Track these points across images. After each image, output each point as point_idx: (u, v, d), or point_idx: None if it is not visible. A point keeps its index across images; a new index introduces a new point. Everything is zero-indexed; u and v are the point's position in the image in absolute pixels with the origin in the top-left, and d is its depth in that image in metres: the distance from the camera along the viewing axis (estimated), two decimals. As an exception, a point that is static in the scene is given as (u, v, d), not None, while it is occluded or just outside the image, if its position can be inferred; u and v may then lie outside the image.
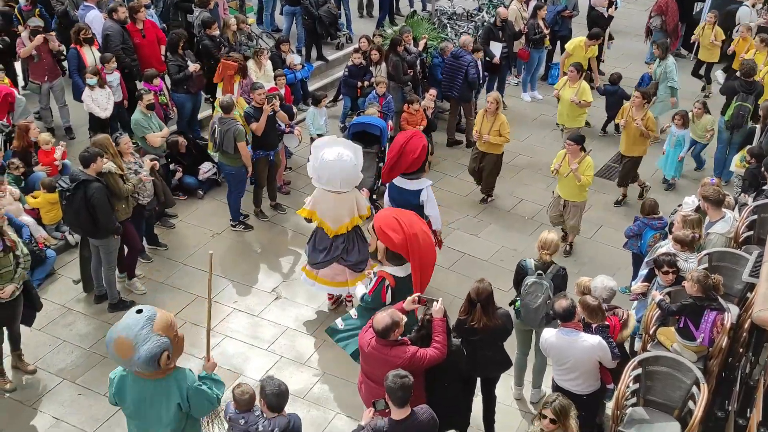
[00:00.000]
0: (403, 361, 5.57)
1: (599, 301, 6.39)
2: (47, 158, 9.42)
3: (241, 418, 5.38)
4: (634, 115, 10.15)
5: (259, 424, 5.25)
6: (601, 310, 6.35)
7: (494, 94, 10.48)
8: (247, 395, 5.41)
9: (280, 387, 5.25)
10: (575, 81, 11.03)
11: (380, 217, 7.15)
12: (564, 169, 9.03)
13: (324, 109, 10.95)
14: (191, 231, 9.73)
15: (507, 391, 7.38)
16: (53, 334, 7.91)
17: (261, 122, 9.46)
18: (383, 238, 6.87)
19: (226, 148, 9.29)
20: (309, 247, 8.21)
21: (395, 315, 5.72)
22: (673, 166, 10.96)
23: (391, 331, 5.64)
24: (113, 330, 4.80)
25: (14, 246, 6.89)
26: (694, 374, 6.15)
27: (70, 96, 11.01)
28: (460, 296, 8.53)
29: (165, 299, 8.47)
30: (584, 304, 6.32)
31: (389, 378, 5.12)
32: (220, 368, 7.53)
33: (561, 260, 8.68)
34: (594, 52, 12.89)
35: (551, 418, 5.25)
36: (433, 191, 8.65)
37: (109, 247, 7.95)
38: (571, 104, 11.01)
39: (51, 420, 6.95)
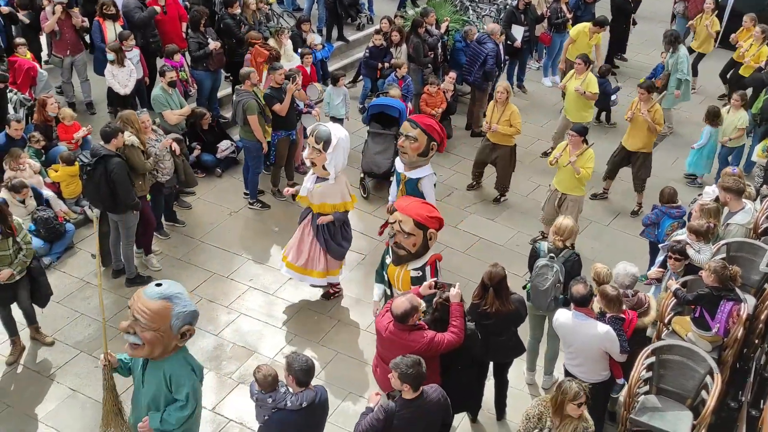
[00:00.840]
0: (421, 346, 5.59)
1: (618, 292, 6.35)
2: (67, 134, 9.49)
3: (268, 397, 5.44)
4: (641, 108, 9.80)
5: (288, 400, 5.32)
6: (620, 301, 6.31)
7: (504, 83, 10.23)
8: (270, 377, 5.46)
9: (307, 362, 5.33)
10: (582, 73, 10.74)
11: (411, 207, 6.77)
12: (564, 159, 8.80)
13: (343, 89, 10.93)
14: (209, 208, 9.79)
15: (519, 376, 7.39)
16: (71, 306, 8.00)
17: (286, 102, 9.46)
18: (434, 223, 6.69)
19: (237, 119, 9.43)
20: (338, 242, 7.89)
21: (414, 300, 5.72)
22: (700, 163, 10.60)
23: (410, 316, 5.65)
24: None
25: (15, 232, 6.83)
26: (708, 364, 6.13)
27: (92, 71, 11.08)
28: (474, 280, 8.53)
29: (181, 275, 8.54)
30: (603, 293, 6.29)
31: (401, 366, 5.11)
32: (235, 345, 7.65)
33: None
34: (599, 39, 12.44)
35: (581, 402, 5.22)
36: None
37: (128, 222, 8.02)
38: (577, 96, 10.68)
39: (68, 391, 7.06)
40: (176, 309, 4.90)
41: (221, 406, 6.98)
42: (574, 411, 5.18)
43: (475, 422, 7.00)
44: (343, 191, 7.74)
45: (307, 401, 5.28)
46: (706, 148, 10.47)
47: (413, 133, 7.99)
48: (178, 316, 4.90)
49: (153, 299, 4.86)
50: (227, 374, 7.34)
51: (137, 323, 4.88)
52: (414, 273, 6.62)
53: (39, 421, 6.74)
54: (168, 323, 4.88)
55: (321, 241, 7.80)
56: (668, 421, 6.05)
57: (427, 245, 6.62)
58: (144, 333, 4.87)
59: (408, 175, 8.21)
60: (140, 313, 4.84)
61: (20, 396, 6.99)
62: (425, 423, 5.27)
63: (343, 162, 7.65)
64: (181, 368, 5.09)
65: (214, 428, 6.75)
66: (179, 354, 5.11)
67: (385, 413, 5.15)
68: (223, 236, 9.30)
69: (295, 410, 5.27)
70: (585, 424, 5.24)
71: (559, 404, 5.21)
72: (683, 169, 11.14)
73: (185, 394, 5.07)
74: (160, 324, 4.86)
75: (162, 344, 4.94)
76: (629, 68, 14.58)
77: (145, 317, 4.83)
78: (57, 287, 8.16)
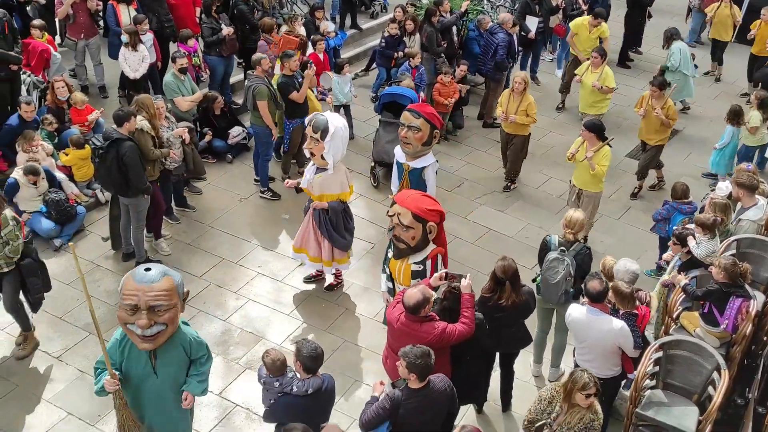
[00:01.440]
0: (433, 337, 5.59)
1: (632, 288, 6.33)
2: (79, 117, 9.52)
3: (275, 381, 5.48)
4: (653, 105, 9.77)
5: (294, 385, 5.35)
6: (633, 298, 6.29)
7: (522, 73, 10.20)
8: (279, 362, 5.50)
9: (316, 350, 5.34)
10: (598, 66, 10.67)
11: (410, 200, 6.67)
12: (580, 155, 8.74)
13: (347, 76, 10.92)
14: (219, 194, 9.81)
15: (526, 368, 7.39)
16: (81, 289, 8.01)
17: (303, 89, 9.46)
18: (434, 216, 6.58)
19: (247, 104, 9.43)
20: (341, 233, 7.84)
21: (426, 291, 5.71)
22: (723, 163, 10.37)
23: (422, 308, 5.63)
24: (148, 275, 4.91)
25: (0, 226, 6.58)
26: (715, 360, 6.11)
27: (105, 54, 11.11)
28: (483, 271, 8.55)
29: (191, 260, 8.58)
30: (616, 289, 6.26)
31: (410, 355, 5.11)
32: (243, 331, 7.68)
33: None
34: (604, 32, 12.22)
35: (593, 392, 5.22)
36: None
37: (139, 206, 8.05)
38: (593, 90, 10.66)
39: (76, 372, 7.11)
40: (176, 278, 5.04)
41: (228, 391, 7.02)
42: (582, 401, 5.19)
43: (480, 413, 7.01)
44: (342, 181, 7.67)
45: (313, 388, 5.31)
46: (729, 147, 10.25)
47: (416, 123, 7.89)
48: (180, 284, 5.07)
49: (159, 281, 4.91)
50: (234, 359, 7.38)
51: (155, 313, 4.88)
52: (415, 267, 6.56)
53: (47, 402, 6.79)
54: (178, 294, 5.03)
55: (323, 232, 7.76)
56: (674, 416, 6.04)
57: (427, 238, 6.54)
58: (164, 315, 4.93)
59: (412, 165, 8.11)
60: (157, 299, 4.86)
61: (28, 377, 7.04)
62: (431, 413, 5.29)
63: (341, 151, 7.58)
64: (186, 330, 5.24)
65: (221, 413, 6.79)
66: (181, 322, 5.25)
67: (391, 402, 5.16)
68: (233, 222, 9.33)
69: (301, 396, 5.30)
70: (593, 415, 5.24)
71: (569, 392, 5.23)
72: (695, 164, 11.07)
73: (205, 347, 5.30)
74: (175, 298, 4.99)
75: (177, 317, 5.07)
76: (644, 61, 14.48)
77: (165, 299, 4.89)
78: (67, 269, 8.23)
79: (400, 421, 5.21)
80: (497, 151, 10.82)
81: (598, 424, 5.27)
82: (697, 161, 11.33)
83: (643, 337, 6.35)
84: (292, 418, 5.01)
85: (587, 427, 5.20)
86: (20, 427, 6.54)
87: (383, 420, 5.22)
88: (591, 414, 5.24)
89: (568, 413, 5.24)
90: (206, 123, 10.28)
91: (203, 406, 6.81)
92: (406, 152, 8.13)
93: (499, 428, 6.92)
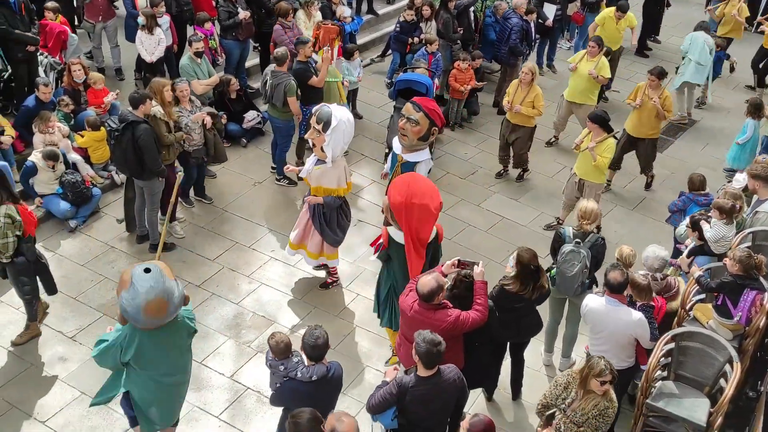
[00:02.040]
0: (447, 325, 5.58)
1: (649, 281, 6.31)
2: (96, 99, 9.55)
3: (280, 365, 5.50)
4: (650, 95, 9.57)
5: (298, 371, 5.37)
6: (650, 289, 6.27)
7: (529, 64, 9.99)
8: (283, 344, 5.53)
9: (317, 339, 5.32)
10: (594, 56, 10.46)
11: (399, 177, 7.04)
12: (584, 144, 8.63)
13: (357, 61, 10.89)
14: (233, 179, 9.84)
15: (536, 357, 7.39)
16: (96, 270, 8.11)
17: (322, 73, 9.45)
18: (389, 194, 6.70)
19: (275, 101, 9.27)
20: (333, 229, 7.71)
21: (440, 279, 5.70)
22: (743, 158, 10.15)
23: (436, 295, 5.62)
24: (138, 299, 4.89)
25: None
26: (728, 352, 6.09)
27: (122, 37, 11.13)
28: (495, 259, 8.58)
29: (204, 244, 8.62)
30: (633, 281, 6.23)
31: (417, 339, 5.11)
32: (255, 315, 7.72)
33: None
34: (632, 21, 12.15)
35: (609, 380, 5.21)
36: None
37: (154, 188, 8.09)
38: (588, 78, 10.43)
39: (89, 352, 7.13)
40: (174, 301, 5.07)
41: (239, 374, 7.07)
42: (597, 387, 5.19)
43: (490, 401, 7.03)
44: (340, 176, 7.52)
45: (318, 375, 5.30)
46: (750, 142, 10.06)
47: (415, 117, 7.66)
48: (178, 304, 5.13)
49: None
50: (246, 343, 7.42)
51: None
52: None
53: (61, 381, 6.86)
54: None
55: (316, 224, 7.66)
56: (685, 407, 6.03)
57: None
58: None
59: (405, 158, 7.90)
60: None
61: (43, 356, 7.11)
62: (440, 403, 5.28)
63: (342, 146, 7.44)
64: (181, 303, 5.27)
65: (232, 396, 6.84)
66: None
67: (398, 387, 5.17)
68: (247, 206, 9.35)
69: (305, 381, 5.31)
70: (607, 403, 5.23)
71: (584, 378, 5.23)
72: (712, 156, 10.97)
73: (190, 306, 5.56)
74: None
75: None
76: (662, 51, 14.35)
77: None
78: (82, 250, 8.30)
79: (406, 408, 5.21)
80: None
81: (612, 411, 5.27)
82: (714, 153, 11.24)
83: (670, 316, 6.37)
84: (297, 403, 5.03)
85: (601, 414, 5.20)
86: (34, 406, 6.61)
87: (390, 405, 5.22)
88: (606, 401, 5.23)
89: (582, 399, 5.24)
90: (221, 107, 10.29)
91: (215, 389, 6.87)
92: (402, 144, 7.93)
93: (509, 416, 6.93)
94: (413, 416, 5.24)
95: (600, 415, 5.20)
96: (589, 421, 5.19)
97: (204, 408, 6.69)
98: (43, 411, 6.57)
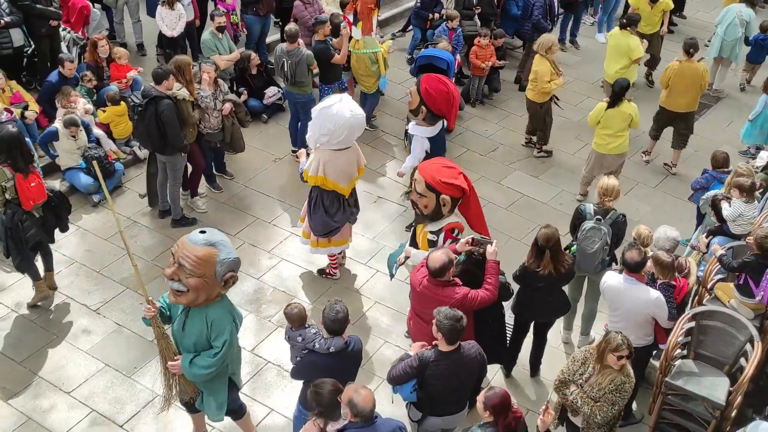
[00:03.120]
0: (454, 302, 5.58)
1: (672, 258, 6.28)
2: (119, 73, 9.60)
3: (298, 336, 5.57)
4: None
5: (316, 342, 5.42)
6: (673, 268, 6.24)
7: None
8: (296, 309, 5.62)
9: (338, 313, 5.36)
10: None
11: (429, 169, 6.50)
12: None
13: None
14: (254, 155, 9.86)
15: (555, 335, 7.39)
16: (119, 244, 8.19)
17: (343, 50, 9.43)
18: (449, 189, 6.35)
19: (299, 78, 9.20)
20: (317, 218, 7.44)
21: (450, 254, 5.70)
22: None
23: (447, 270, 5.63)
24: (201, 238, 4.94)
25: None
26: (749, 331, 6.06)
27: (144, 12, 11.14)
28: (515, 237, 8.57)
29: (225, 219, 8.68)
30: (657, 259, 6.21)
31: (440, 315, 5.12)
32: (276, 290, 7.78)
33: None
34: (667, 5, 11.84)
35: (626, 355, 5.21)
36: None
37: (176, 164, 8.14)
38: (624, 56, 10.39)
39: (113, 325, 7.28)
40: (221, 255, 4.94)
41: (260, 348, 7.15)
42: (614, 362, 5.18)
43: (509, 377, 7.06)
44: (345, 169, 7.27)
45: (336, 348, 5.35)
46: (761, 117, 9.97)
47: (412, 89, 8.05)
48: (223, 263, 4.94)
49: (199, 245, 4.89)
50: (267, 317, 7.49)
51: (182, 270, 4.90)
52: (430, 236, 6.46)
53: (85, 353, 6.98)
54: (213, 270, 4.93)
55: (310, 207, 7.46)
56: (704, 386, 6.02)
57: (440, 210, 6.38)
58: (189, 279, 4.91)
59: (408, 128, 8.28)
60: (186, 259, 4.87)
61: (67, 328, 7.24)
62: (461, 378, 5.30)
63: (327, 136, 7.02)
64: (223, 315, 5.16)
65: (252, 369, 6.93)
66: (222, 301, 5.18)
67: (419, 362, 5.21)
68: (267, 182, 9.39)
69: (324, 354, 5.36)
70: (624, 377, 5.23)
71: (602, 352, 5.23)
72: (736, 133, 10.82)
73: (222, 342, 5.14)
74: (205, 270, 4.90)
75: (206, 291, 4.99)
76: (688, 26, 14.11)
77: (191, 263, 4.87)
78: (105, 225, 8.40)
79: (426, 382, 5.25)
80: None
81: (630, 386, 5.27)
82: (738, 130, 11.08)
83: (680, 308, 6.31)
84: (317, 376, 5.09)
85: (618, 389, 5.20)
86: (59, 377, 6.75)
87: (410, 378, 5.27)
88: (623, 376, 5.23)
89: (599, 374, 5.25)
90: (242, 82, 10.30)
91: (236, 362, 6.96)
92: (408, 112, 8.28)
93: (529, 392, 6.96)
94: (433, 390, 5.28)
95: (617, 390, 5.20)
96: (606, 396, 5.20)
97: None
98: (68, 382, 6.70)
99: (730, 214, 7.03)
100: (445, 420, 5.47)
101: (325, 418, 4.83)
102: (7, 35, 9.25)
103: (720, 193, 7.43)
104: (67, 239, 8.09)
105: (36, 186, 6.84)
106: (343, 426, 4.74)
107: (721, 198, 7.25)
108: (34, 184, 6.81)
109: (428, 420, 5.45)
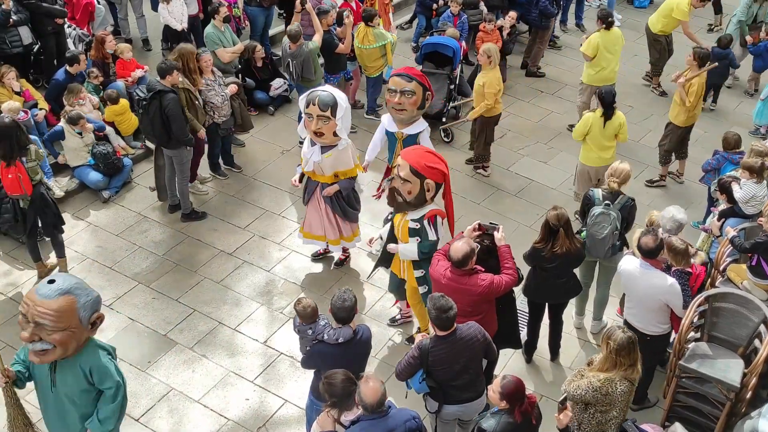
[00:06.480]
0: (482, 289, 5.60)
1: (687, 245, 6.22)
2: (124, 71, 9.61)
3: (308, 329, 5.62)
4: (688, 74, 8.83)
5: (325, 333, 5.44)
6: (687, 254, 6.18)
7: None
8: (310, 309, 5.64)
9: (345, 302, 5.38)
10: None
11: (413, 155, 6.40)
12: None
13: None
14: (261, 147, 9.87)
15: (567, 320, 7.36)
16: (130, 239, 8.23)
17: (347, 39, 9.40)
18: (433, 174, 6.28)
19: (306, 74, 9.24)
20: (356, 203, 7.60)
21: (471, 243, 5.69)
22: (764, 112, 9.98)
23: (470, 259, 5.62)
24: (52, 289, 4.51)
25: None
26: (762, 313, 6.02)
27: (148, 7, 11.14)
28: (525, 223, 8.54)
29: (234, 212, 8.69)
30: (670, 245, 6.15)
31: (432, 310, 5.13)
32: (287, 281, 7.79)
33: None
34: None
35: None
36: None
37: (182, 157, 8.15)
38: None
39: (126, 320, 7.31)
40: (81, 300, 4.55)
41: (272, 340, 7.17)
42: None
43: (529, 363, 7.05)
44: (353, 152, 7.36)
45: (344, 338, 5.37)
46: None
47: (410, 87, 7.40)
48: (85, 307, 4.56)
49: (53, 298, 4.45)
50: (278, 309, 7.51)
51: (41, 329, 4.46)
52: (412, 224, 6.36)
53: (99, 348, 7.00)
54: (77, 318, 4.53)
55: (338, 211, 7.50)
56: (718, 368, 5.99)
57: (424, 196, 6.28)
58: (53, 336, 4.48)
59: (406, 132, 7.66)
60: (43, 317, 4.43)
61: (81, 324, 7.26)
62: (464, 359, 5.29)
63: (349, 125, 7.27)
64: (97, 358, 4.75)
65: (265, 361, 6.95)
66: (90, 344, 4.77)
67: (419, 350, 5.25)
68: (276, 174, 9.39)
69: (332, 344, 5.38)
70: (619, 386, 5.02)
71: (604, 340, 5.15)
72: (747, 114, 10.74)
73: (114, 382, 4.78)
74: (69, 322, 4.49)
75: (75, 341, 4.59)
76: (699, 17, 13.96)
77: (51, 319, 4.43)
78: (116, 220, 8.43)
79: (432, 370, 5.27)
80: (541, 101, 10.68)
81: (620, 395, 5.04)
82: (749, 111, 10.99)
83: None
84: (327, 365, 5.11)
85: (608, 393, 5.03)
86: (74, 372, 6.77)
87: (415, 369, 5.29)
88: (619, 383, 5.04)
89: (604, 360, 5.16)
90: (248, 75, 10.29)
91: (249, 354, 6.98)
92: (400, 119, 7.62)
93: (547, 377, 6.95)
94: (440, 376, 5.29)
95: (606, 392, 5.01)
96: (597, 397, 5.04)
97: (239, 373, 6.81)
98: (82, 377, 6.72)
99: (743, 196, 6.97)
100: (461, 408, 5.48)
101: (338, 408, 4.86)
102: (17, 34, 9.29)
103: (727, 176, 7.37)
104: (78, 235, 8.14)
105: (12, 179, 6.94)
106: (356, 417, 4.76)
107: (730, 180, 7.19)
108: (11, 176, 6.91)
109: (445, 409, 5.45)
